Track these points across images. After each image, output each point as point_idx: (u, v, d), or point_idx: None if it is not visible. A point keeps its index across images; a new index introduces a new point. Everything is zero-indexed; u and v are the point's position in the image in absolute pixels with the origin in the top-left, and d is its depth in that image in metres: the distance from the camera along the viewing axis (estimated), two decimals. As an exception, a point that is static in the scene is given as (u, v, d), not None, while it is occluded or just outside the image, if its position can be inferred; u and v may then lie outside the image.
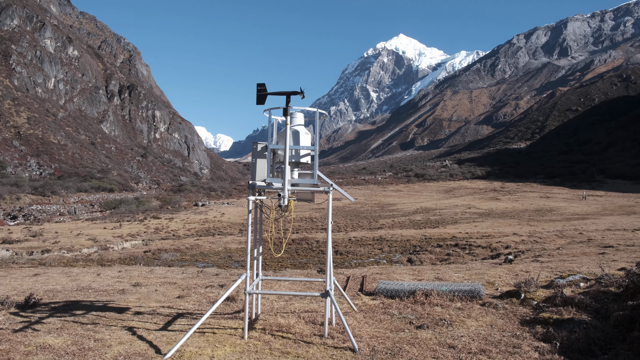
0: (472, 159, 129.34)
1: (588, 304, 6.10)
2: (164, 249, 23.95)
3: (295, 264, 18.40)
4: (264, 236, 20.48)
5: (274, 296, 7.69)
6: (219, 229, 35.90)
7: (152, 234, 33.61)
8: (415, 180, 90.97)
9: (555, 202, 49.55)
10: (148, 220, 42.13)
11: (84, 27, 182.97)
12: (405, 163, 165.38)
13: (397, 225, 34.10)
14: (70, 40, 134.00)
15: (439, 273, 9.85)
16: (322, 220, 38.55)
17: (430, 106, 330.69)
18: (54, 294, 8.57)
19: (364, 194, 67.04)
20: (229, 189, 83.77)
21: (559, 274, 8.54)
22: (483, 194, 61.53)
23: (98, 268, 14.72)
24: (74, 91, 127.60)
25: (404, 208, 48.53)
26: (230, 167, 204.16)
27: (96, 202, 60.58)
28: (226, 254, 22.17)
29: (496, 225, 30.34)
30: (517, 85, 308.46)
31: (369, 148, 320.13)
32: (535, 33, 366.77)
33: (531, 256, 15.09)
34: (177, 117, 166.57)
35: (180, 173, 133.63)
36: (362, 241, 24.70)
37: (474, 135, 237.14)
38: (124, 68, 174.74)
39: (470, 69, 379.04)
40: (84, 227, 37.75)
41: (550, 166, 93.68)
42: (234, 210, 51.56)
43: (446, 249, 20.25)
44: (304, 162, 5.79)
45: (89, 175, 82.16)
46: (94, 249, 25.49)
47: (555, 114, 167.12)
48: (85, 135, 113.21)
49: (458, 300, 6.97)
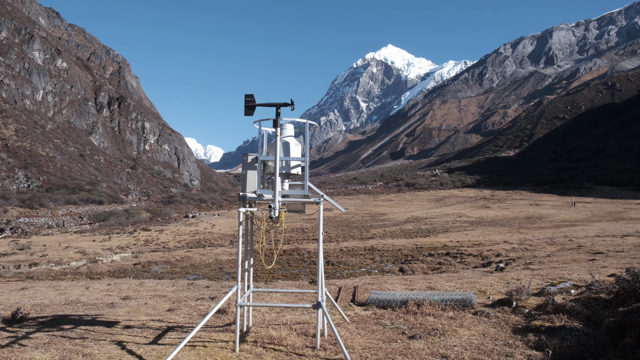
0: (462, 168, 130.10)
1: (579, 311, 6.12)
2: (154, 262, 23.73)
3: (286, 275, 18.29)
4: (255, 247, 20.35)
5: (265, 308, 7.63)
6: (209, 241, 35.66)
7: (142, 246, 33.30)
8: (405, 189, 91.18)
9: (544, 209, 49.90)
10: (138, 233, 41.78)
11: (73, 39, 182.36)
12: (395, 172, 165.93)
13: (388, 235, 34.09)
14: (59, 52, 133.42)
15: (430, 282, 9.84)
16: (313, 230, 38.45)
17: (419, 116, 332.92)
18: (41, 308, 8.43)
19: (355, 204, 67.05)
20: (219, 200, 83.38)
21: (550, 282, 8.57)
22: (473, 203, 61.80)
23: (87, 281, 14.53)
24: (62, 103, 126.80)
25: (395, 217, 48.58)
26: (221, 178, 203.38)
27: (85, 214, 59.97)
28: (217, 265, 22.00)
29: (487, 234, 30.43)
30: (505, 94, 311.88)
31: (360, 158, 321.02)
32: (522, 42, 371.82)
33: (522, 264, 15.14)
34: (167, 129, 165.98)
35: (171, 184, 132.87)
36: (353, 251, 24.64)
37: (463, 144, 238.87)
38: (113, 80, 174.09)
39: (459, 78, 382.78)
40: (72, 239, 37.32)
41: (539, 174, 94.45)
42: (225, 221, 51.29)
43: (437, 258, 20.25)
44: (295, 173, 5.78)
45: (78, 187, 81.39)
46: (83, 261, 25.18)
47: (543, 122, 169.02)
48: (74, 147, 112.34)
49: (450, 309, 6.96)
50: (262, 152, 5.81)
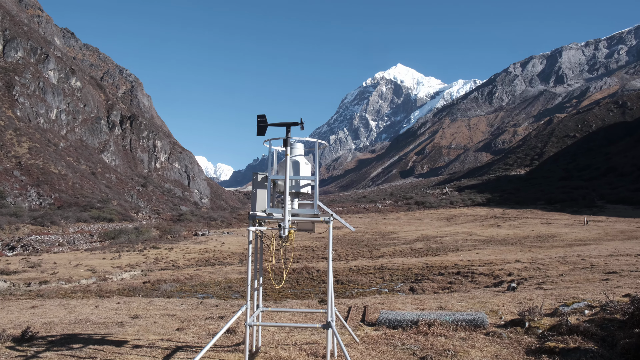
0: (472, 186, 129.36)
1: (594, 332, 6.01)
2: (163, 280, 23.71)
3: (296, 294, 18.19)
4: (265, 266, 20.29)
5: (274, 328, 7.58)
6: (219, 259, 35.63)
7: (152, 264, 33.33)
8: (415, 208, 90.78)
9: (556, 228, 49.33)
10: (147, 251, 41.84)
11: (87, 58, 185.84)
12: (405, 191, 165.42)
13: (398, 254, 33.86)
14: (73, 72, 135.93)
15: (441, 302, 9.73)
16: (322, 249, 38.31)
17: (429, 134, 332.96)
18: (51, 326, 8.45)
19: (365, 222, 66.80)
20: (229, 219, 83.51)
21: (563, 302, 8.44)
22: (484, 221, 61.31)
23: (96, 300, 14.55)
24: (75, 121, 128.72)
25: (405, 236, 48.28)
26: (231, 197, 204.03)
27: (95, 232, 60.30)
28: (226, 284, 21.94)
29: (498, 252, 30.12)
30: (515, 112, 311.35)
31: (369, 176, 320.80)
32: (531, 61, 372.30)
33: (534, 283, 14.94)
34: (178, 147, 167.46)
35: (181, 202, 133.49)
36: (363, 270, 24.48)
37: (473, 163, 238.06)
38: (125, 99, 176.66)
39: (468, 97, 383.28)
40: (82, 257, 37.47)
41: (550, 192, 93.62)
42: (234, 239, 51.27)
43: (448, 277, 20.06)
44: (304, 192, 5.80)
45: (89, 205, 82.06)
46: (93, 279, 25.23)
47: (553, 140, 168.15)
48: (85, 165, 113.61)
49: (462, 330, 6.87)
50: (272, 171, 5.85)
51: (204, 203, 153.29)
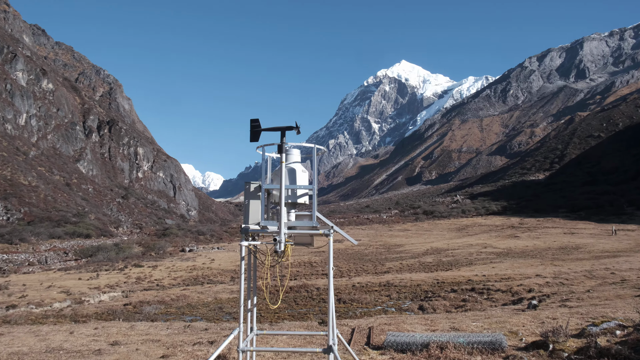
0: (486, 193, 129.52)
1: (627, 356, 5.97)
2: (146, 301, 23.64)
3: (293, 315, 18.15)
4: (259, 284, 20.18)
5: (270, 353, 7.54)
6: (208, 277, 35.56)
7: (134, 284, 33.24)
8: (423, 218, 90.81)
9: (581, 238, 49.34)
10: (129, 269, 41.76)
11: (60, 58, 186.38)
12: (412, 199, 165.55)
13: (405, 269, 33.83)
14: (44, 73, 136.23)
15: (454, 322, 9.69)
16: (322, 264, 38.26)
17: (437, 137, 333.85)
18: (19, 357, 8.38)
19: (368, 234, 66.77)
20: (219, 232, 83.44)
21: (591, 321, 8.40)
22: (500, 232, 61.32)
23: (71, 325, 14.47)
24: (47, 127, 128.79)
25: (413, 249, 48.26)
26: (221, 208, 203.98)
27: (70, 249, 60.13)
28: (216, 305, 21.89)
29: (516, 266, 30.11)
30: (532, 111, 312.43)
31: (372, 184, 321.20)
32: (549, 55, 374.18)
33: (558, 300, 14.90)
34: (162, 155, 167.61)
35: (166, 215, 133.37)
36: (367, 287, 24.45)
37: (486, 167, 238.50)
38: (103, 102, 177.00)
39: (480, 95, 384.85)
40: (56, 278, 37.34)
41: (573, 199, 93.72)
42: (225, 255, 51.21)
43: (461, 294, 20.03)
44: (302, 203, 5.80)
45: (63, 219, 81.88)
46: (67, 303, 25.11)
47: (575, 142, 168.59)
48: (59, 176, 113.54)
49: (478, 353, 6.83)
50: (266, 180, 5.85)
51: (191, 216, 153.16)
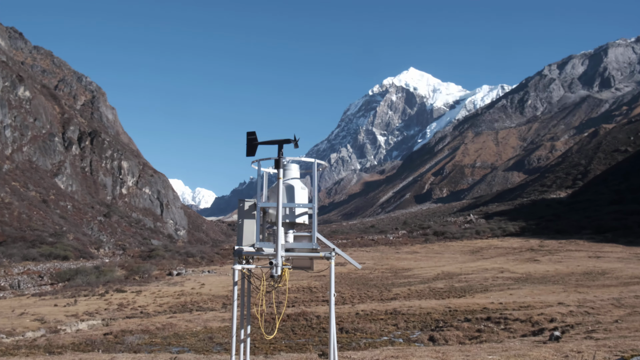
0: (502, 212, 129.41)
1: (657, 393, 5.93)
2: (129, 330, 23.56)
3: (291, 346, 18.11)
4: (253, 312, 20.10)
5: (265, 389, 7.48)
6: (197, 304, 35.46)
7: (115, 311, 33.14)
8: (434, 239, 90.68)
9: (608, 262, 49.20)
10: (110, 295, 41.62)
11: (39, 63, 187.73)
12: (421, 219, 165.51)
13: (414, 295, 33.73)
14: (21, 79, 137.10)
15: (468, 355, 9.64)
16: (323, 290, 38.14)
17: (448, 151, 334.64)
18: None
19: (373, 257, 66.66)
20: (210, 254, 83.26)
21: (620, 355, 8.36)
22: (518, 255, 61.20)
23: (45, 357, 14.40)
24: (23, 139, 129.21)
25: (422, 273, 48.14)
26: (212, 228, 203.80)
27: (46, 272, 59.96)
28: (206, 334, 21.83)
29: (536, 293, 30.00)
30: (552, 123, 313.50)
31: (378, 202, 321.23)
32: (570, 62, 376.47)
33: (583, 332, 14.82)
34: (149, 169, 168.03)
35: (151, 235, 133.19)
36: (372, 315, 24.38)
37: (502, 184, 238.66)
38: (85, 111, 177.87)
39: (495, 106, 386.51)
40: (29, 304, 37.24)
41: (598, 219, 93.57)
42: (217, 280, 51.09)
43: (476, 324, 19.95)
44: (301, 222, 5.79)
45: (39, 239, 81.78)
46: (41, 332, 25.00)
47: (600, 156, 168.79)
48: (35, 192, 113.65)
49: (495, 390, 6.78)
50: (262, 198, 5.85)
51: (179, 236, 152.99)
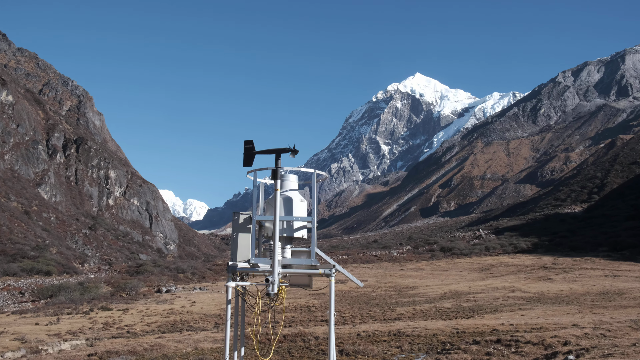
0: (514, 228, 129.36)
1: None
2: (114, 351, 23.49)
3: (287, 369, 18.01)
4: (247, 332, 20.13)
5: (259, 414, 7.47)
6: (188, 323, 35.36)
7: (100, 330, 33.04)
8: (440, 255, 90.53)
9: (625, 281, 49.12)
10: (95, 313, 41.50)
11: (22, 66, 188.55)
12: (427, 234, 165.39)
13: (419, 315, 33.63)
14: (3, 83, 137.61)
15: (477, 380, 9.63)
16: (322, 309, 38.04)
17: (456, 161, 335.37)
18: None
19: (376, 274, 66.52)
20: (202, 270, 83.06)
21: (635, 380, 8.34)
22: (530, 273, 61.11)
23: (27, 378, 14.37)
24: (5, 146, 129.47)
25: (428, 292, 48.03)
26: (204, 242, 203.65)
27: (27, 288, 59.82)
28: (197, 356, 21.74)
29: (549, 314, 29.93)
30: (566, 133, 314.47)
31: (381, 215, 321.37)
32: (586, 69, 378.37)
33: (599, 355, 14.80)
34: (137, 179, 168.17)
35: (140, 249, 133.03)
36: (374, 337, 24.31)
37: (514, 197, 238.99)
38: (71, 117, 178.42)
39: (506, 114, 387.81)
40: (9, 322, 37.11)
41: (615, 235, 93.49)
42: (209, 297, 50.95)
43: (485, 347, 19.90)
44: (299, 237, 5.78)
45: (20, 253, 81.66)
46: (21, 352, 24.94)
47: (617, 169, 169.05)
48: (17, 202, 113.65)
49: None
50: (258, 210, 5.84)
51: (169, 250, 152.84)
